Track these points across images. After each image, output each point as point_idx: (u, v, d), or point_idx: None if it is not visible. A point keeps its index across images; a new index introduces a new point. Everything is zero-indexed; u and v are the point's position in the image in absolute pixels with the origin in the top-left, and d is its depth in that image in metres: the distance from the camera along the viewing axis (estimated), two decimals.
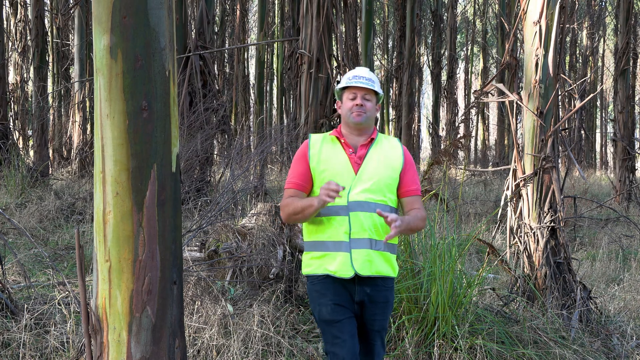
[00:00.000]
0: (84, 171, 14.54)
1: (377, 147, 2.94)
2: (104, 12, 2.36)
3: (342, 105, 2.98)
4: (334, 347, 2.81)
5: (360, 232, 2.79)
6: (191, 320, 4.28)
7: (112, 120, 2.37)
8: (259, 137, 12.18)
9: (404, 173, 2.93)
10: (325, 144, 2.93)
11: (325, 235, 2.83)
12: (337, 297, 2.83)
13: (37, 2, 13.47)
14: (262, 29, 18.58)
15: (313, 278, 2.89)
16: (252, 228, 5.39)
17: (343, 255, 2.79)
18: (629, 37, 12.82)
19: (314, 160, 2.88)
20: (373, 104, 2.95)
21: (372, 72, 3.02)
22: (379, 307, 2.88)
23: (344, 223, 2.79)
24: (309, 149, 2.92)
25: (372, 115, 2.93)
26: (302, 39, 7.88)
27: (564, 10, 5.21)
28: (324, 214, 2.82)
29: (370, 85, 2.92)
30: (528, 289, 5.12)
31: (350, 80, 2.94)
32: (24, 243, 7.44)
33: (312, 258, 2.89)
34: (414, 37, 17.88)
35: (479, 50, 35.94)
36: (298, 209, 2.78)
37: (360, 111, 2.89)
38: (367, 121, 2.91)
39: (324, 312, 2.84)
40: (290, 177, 2.92)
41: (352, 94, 2.93)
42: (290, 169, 2.96)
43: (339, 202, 2.79)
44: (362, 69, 3.01)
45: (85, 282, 2.53)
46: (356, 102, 2.90)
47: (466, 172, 16.82)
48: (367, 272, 2.80)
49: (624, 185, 12.87)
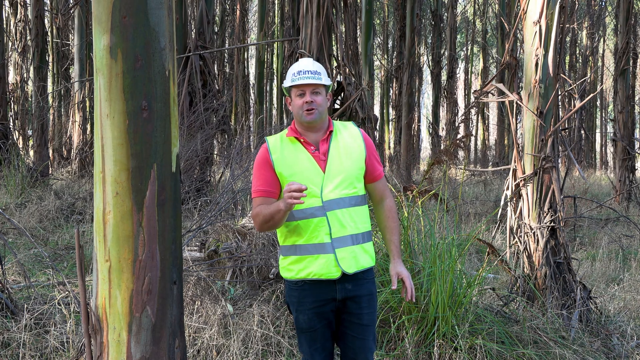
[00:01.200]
0: (84, 171, 14.55)
1: (337, 138, 2.84)
2: (104, 12, 2.37)
3: (292, 102, 2.84)
4: (307, 354, 2.84)
5: (341, 230, 2.73)
6: (191, 320, 4.28)
7: (112, 120, 2.37)
8: (259, 137, 12.18)
9: (368, 158, 2.86)
10: (285, 146, 2.81)
11: (303, 239, 2.74)
12: (316, 303, 2.77)
13: (37, 2, 13.47)
14: (262, 29, 18.58)
15: (292, 284, 2.82)
16: (252, 228, 5.39)
17: (326, 257, 2.72)
18: (629, 37, 12.82)
19: (279, 165, 2.77)
20: (323, 96, 2.81)
21: (316, 62, 2.87)
22: (364, 300, 2.81)
23: (322, 224, 2.72)
24: (270, 155, 2.80)
25: (324, 109, 2.81)
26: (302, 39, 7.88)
27: (564, 10, 5.21)
28: (299, 217, 2.73)
29: (317, 79, 2.78)
30: (528, 289, 5.12)
31: (296, 77, 2.80)
32: (24, 243, 7.44)
33: (291, 263, 2.80)
34: (414, 37, 17.88)
35: (479, 50, 35.95)
36: (267, 216, 2.67)
37: (311, 109, 2.76)
38: (320, 117, 2.80)
39: (301, 319, 2.80)
40: (256, 186, 2.80)
41: (300, 91, 2.80)
42: (253, 177, 2.83)
43: (313, 203, 2.72)
44: (306, 61, 2.86)
45: (85, 282, 2.53)
46: (305, 100, 2.77)
47: (466, 172, 16.82)
48: (354, 269, 2.75)
49: (624, 185, 12.87)
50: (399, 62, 19.42)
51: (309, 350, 2.83)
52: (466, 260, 6.47)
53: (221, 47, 22.17)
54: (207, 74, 11.36)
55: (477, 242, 6.41)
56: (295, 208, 2.72)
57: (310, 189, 2.72)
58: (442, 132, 23.45)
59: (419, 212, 4.81)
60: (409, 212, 4.78)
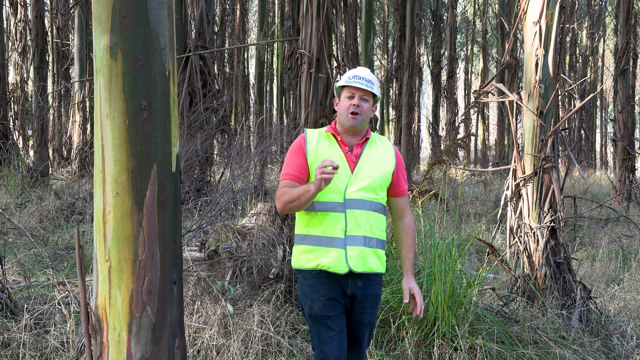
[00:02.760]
0: (84, 171, 14.54)
1: (371, 147, 2.98)
2: (104, 12, 2.36)
3: (340, 103, 2.99)
4: (322, 343, 2.84)
5: (356, 229, 2.84)
6: (191, 320, 4.28)
7: (112, 120, 2.37)
8: (259, 137, 12.18)
9: (395, 173, 3.00)
10: (321, 140, 2.95)
11: (319, 230, 2.85)
12: (330, 291, 2.85)
13: (37, 2, 13.46)
14: (262, 29, 18.57)
15: (306, 272, 2.91)
16: (252, 228, 5.40)
17: (337, 251, 2.83)
18: (629, 37, 12.82)
19: (311, 155, 2.90)
20: (370, 105, 2.95)
21: (372, 74, 3.03)
22: (369, 300, 2.93)
23: (340, 220, 2.83)
24: (306, 144, 2.93)
25: (367, 117, 2.94)
26: (302, 39, 7.88)
27: (564, 10, 5.21)
28: (319, 209, 2.85)
29: (370, 87, 2.92)
30: (528, 289, 5.12)
31: (350, 80, 2.94)
32: (24, 243, 7.44)
33: (302, 252, 2.91)
34: (414, 37, 17.87)
35: (479, 50, 35.93)
36: (294, 196, 2.78)
37: (356, 113, 2.90)
38: (362, 124, 2.93)
39: (315, 307, 2.86)
40: (286, 169, 2.92)
41: (350, 93, 2.94)
42: (285, 162, 2.96)
43: (336, 198, 2.83)
44: (363, 69, 3.01)
45: (85, 282, 2.53)
46: (353, 102, 2.90)
47: (466, 172, 16.82)
48: (361, 269, 2.85)
49: (624, 185, 12.87)
50: (399, 62, 19.41)
51: (325, 338, 2.84)
52: (466, 260, 6.47)
53: (221, 47, 22.18)
54: (207, 74, 11.35)
55: (477, 242, 6.41)
56: (318, 199, 2.83)
57: (336, 186, 2.84)
58: (442, 132, 23.45)
59: (419, 212, 4.81)
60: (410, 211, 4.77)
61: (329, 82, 8.70)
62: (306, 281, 2.91)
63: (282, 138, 10.48)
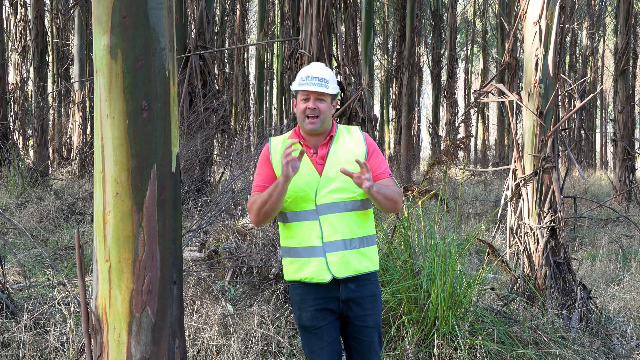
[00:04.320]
0: (84, 171, 14.54)
1: (337, 143, 2.82)
2: (104, 12, 2.36)
3: (296, 106, 2.82)
4: (313, 354, 2.77)
5: (333, 234, 2.71)
6: (191, 320, 4.28)
7: (112, 120, 2.37)
8: (259, 137, 12.18)
9: (368, 161, 2.79)
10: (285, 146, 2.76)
11: (296, 242, 2.75)
12: (319, 300, 2.75)
13: (37, 2, 13.47)
14: (262, 29, 18.58)
15: (294, 282, 2.82)
16: (252, 228, 5.39)
17: (318, 260, 2.71)
18: (629, 37, 12.82)
19: (276, 166, 2.79)
20: (328, 103, 2.78)
21: (327, 68, 2.84)
22: (367, 301, 2.79)
23: (314, 227, 2.71)
24: (271, 156, 2.82)
25: (326, 117, 2.78)
26: (302, 39, 7.88)
27: (564, 10, 5.21)
28: (292, 220, 2.75)
29: (323, 87, 2.76)
30: (528, 289, 5.12)
31: (303, 82, 2.78)
32: (24, 243, 7.44)
33: (287, 264, 2.82)
34: (414, 37, 17.87)
35: (479, 50, 35.93)
36: (265, 197, 2.65)
37: (313, 117, 2.75)
38: (321, 125, 2.78)
39: (304, 317, 2.77)
40: (257, 181, 2.80)
41: (305, 96, 2.78)
42: (255, 173, 2.85)
43: (307, 206, 2.72)
44: (316, 66, 2.83)
45: (85, 282, 2.53)
46: (308, 105, 2.75)
47: (466, 172, 16.82)
48: (344, 274, 2.72)
49: (624, 185, 12.86)
50: (399, 62, 19.41)
51: (316, 350, 2.76)
52: (466, 261, 6.47)
53: (221, 47, 22.17)
54: (207, 74, 11.35)
55: (477, 242, 6.41)
56: (290, 209, 2.73)
57: (305, 192, 2.72)
58: (442, 132, 23.44)
59: (419, 212, 4.81)
60: (409, 212, 4.78)
61: None
62: (295, 290, 2.82)
63: None
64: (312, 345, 2.77)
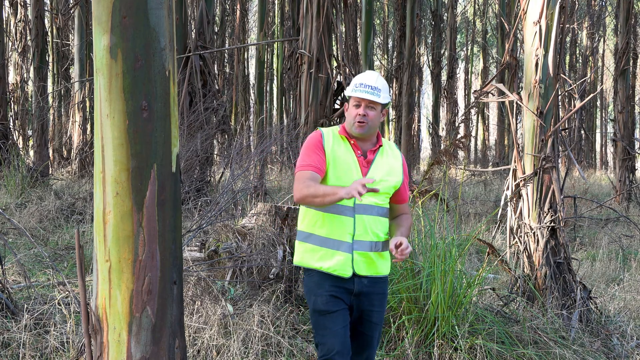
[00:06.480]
0: (84, 171, 14.53)
1: (382, 155, 3.00)
2: (104, 12, 2.36)
3: (348, 110, 2.98)
4: (324, 337, 2.85)
5: (364, 234, 2.87)
6: (191, 320, 4.28)
7: (112, 120, 2.37)
8: (259, 137, 12.19)
9: (402, 184, 3.04)
10: (336, 140, 2.94)
11: (325, 231, 2.86)
12: (334, 288, 2.87)
13: (37, 2, 13.46)
14: (262, 29, 18.57)
15: (310, 270, 2.92)
16: (252, 228, 5.39)
17: (344, 255, 2.85)
18: (629, 37, 12.82)
19: (328, 154, 2.89)
20: (377, 112, 2.93)
21: (380, 77, 2.98)
22: (376, 298, 2.95)
23: (348, 224, 2.85)
24: (324, 141, 2.91)
25: (375, 124, 2.93)
26: (302, 39, 7.89)
27: (564, 10, 5.21)
28: (328, 211, 2.85)
29: (375, 96, 2.89)
30: (528, 289, 5.12)
31: (357, 88, 2.92)
32: (24, 243, 7.43)
33: (306, 250, 2.92)
34: (414, 37, 17.87)
35: (479, 50, 35.93)
36: (320, 192, 2.73)
37: (362, 122, 2.89)
38: (369, 131, 2.93)
39: (320, 302, 2.87)
40: (307, 161, 2.86)
41: (357, 101, 2.93)
42: (303, 155, 2.91)
43: (347, 202, 2.84)
44: (370, 75, 2.96)
45: (85, 282, 2.53)
46: (359, 112, 2.90)
47: (466, 172, 16.82)
48: (365, 273, 2.89)
49: (624, 185, 12.87)
50: (399, 62, 19.41)
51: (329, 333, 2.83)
52: (466, 261, 6.47)
53: (221, 47, 22.17)
54: (207, 74, 11.35)
55: (477, 242, 6.41)
56: None
57: None
58: (442, 132, 23.44)
59: (419, 212, 4.81)
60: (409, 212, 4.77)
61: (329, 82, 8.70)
62: (311, 278, 2.92)
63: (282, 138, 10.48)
64: (326, 328, 2.85)
